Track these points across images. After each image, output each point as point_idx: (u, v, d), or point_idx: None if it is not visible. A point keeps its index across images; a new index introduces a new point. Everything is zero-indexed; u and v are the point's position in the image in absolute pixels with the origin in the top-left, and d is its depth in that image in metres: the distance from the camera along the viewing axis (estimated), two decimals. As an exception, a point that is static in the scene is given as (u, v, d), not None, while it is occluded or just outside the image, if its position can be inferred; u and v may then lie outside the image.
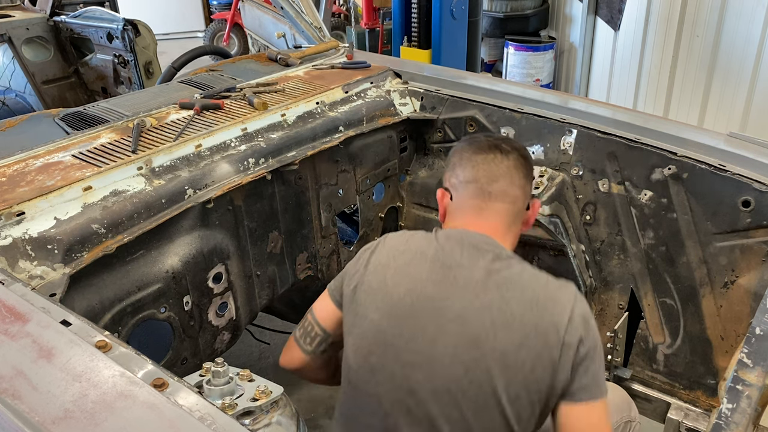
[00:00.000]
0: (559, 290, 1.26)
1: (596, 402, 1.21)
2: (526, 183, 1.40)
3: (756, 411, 1.13)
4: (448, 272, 1.28)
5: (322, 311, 1.46)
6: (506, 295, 1.23)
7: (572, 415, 1.21)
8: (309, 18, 2.78)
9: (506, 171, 1.37)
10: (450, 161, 1.45)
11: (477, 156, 1.39)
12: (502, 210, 1.37)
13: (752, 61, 3.95)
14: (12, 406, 0.86)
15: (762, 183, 1.69)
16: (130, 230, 1.48)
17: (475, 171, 1.38)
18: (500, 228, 1.36)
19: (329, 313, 1.44)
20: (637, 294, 1.98)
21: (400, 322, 1.26)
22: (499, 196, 1.36)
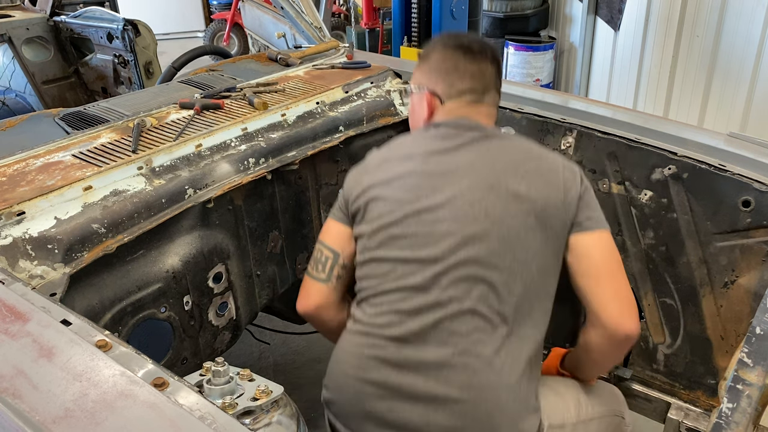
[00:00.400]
0: (548, 151, 1.48)
1: (603, 231, 1.38)
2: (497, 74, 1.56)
3: (756, 410, 1.13)
4: (448, 141, 1.44)
5: (328, 234, 1.53)
6: (507, 149, 1.43)
7: (586, 242, 1.37)
8: (309, 18, 2.78)
9: (492, 79, 1.53)
10: (431, 57, 1.57)
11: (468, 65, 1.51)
12: (491, 113, 1.55)
13: (752, 61, 3.95)
14: (12, 406, 0.86)
15: (762, 183, 1.69)
16: (131, 230, 1.48)
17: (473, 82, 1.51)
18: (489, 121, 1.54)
19: (337, 232, 1.51)
20: (637, 294, 1.98)
21: (413, 193, 1.39)
22: (490, 102, 1.54)
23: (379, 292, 1.38)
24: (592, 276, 1.35)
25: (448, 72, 1.52)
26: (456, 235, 1.33)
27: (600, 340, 1.38)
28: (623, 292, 1.36)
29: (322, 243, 1.53)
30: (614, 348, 1.41)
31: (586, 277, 1.36)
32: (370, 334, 1.36)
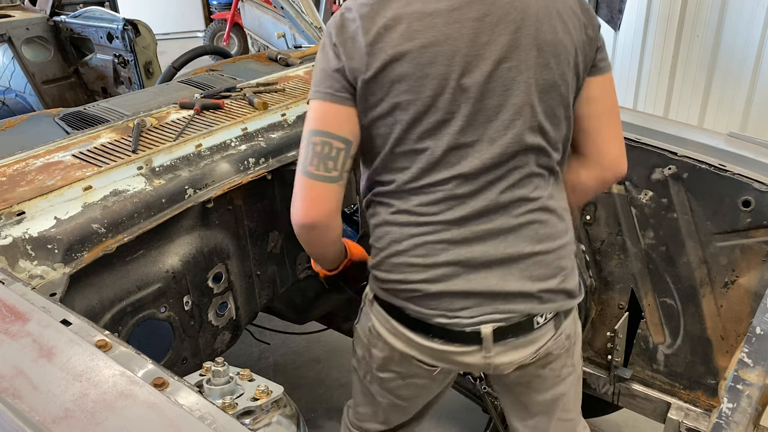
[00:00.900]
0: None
1: (610, 72, 1.38)
2: None
3: (756, 410, 1.13)
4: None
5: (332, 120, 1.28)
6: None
7: (600, 84, 1.36)
8: (309, 18, 2.78)
9: None
10: None
11: None
12: None
13: (752, 61, 3.95)
14: (12, 406, 0.86)
15: (762, 183, 1.69)
16: (131, 230, 1.48)
17: None
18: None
19: (345, 116, 1.28)
20: (637, 294, 1.98)
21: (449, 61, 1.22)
22: None
23: (429, 184, 1.29)
24: (603, 117, 1.37)
25: None
26: (506, 109, 1.25)
27: (593, 181, 1.44)
28: (621, 134, 1.41)
29: (327, 133, 1.27)
30: (602, 187, 1.49)
31: (595, 119, 1.37)
32: (429, 223, 1.31)
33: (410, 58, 1.22)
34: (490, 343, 1.32)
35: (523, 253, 1.31)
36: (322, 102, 1.28)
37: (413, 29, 1.22)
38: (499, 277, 1.31)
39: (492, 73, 1.24)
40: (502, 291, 1.31)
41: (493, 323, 1.31)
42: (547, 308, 1.34)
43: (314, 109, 1.29)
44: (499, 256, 1.31)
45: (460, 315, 1.31)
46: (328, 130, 1.27)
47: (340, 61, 1.26)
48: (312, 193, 1.30)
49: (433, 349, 1.35)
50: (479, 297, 1.31)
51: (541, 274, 1.33)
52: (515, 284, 1.31)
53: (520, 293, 1.31)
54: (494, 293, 1.31)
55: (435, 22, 1.22)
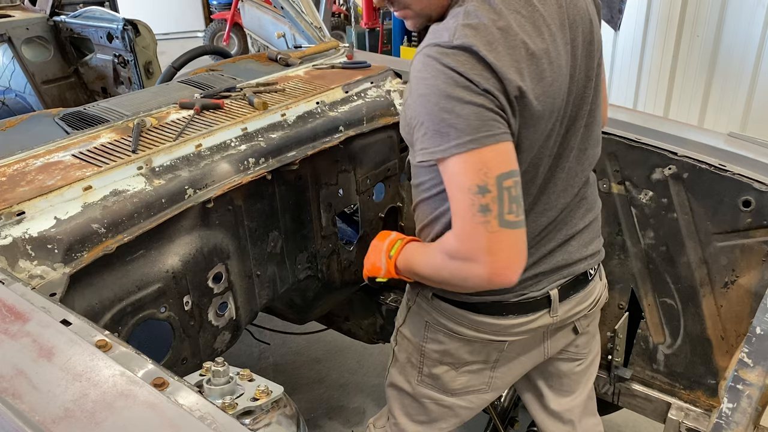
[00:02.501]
0: None
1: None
2: None
3: (756, 411, 1.13)
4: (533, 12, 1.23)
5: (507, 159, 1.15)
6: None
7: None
8: (309, 18, 2.78)
9: None
10: None
11: None
12: None
13: (752, 61, 3.95)
14: (12, 406, 0.86)
15: (762, 183, 1.69)
16: (130, 230, 1.48)
17: None
18: None
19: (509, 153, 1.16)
20: (637, 294, 1.98)
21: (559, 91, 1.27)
22: None
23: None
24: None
25: None
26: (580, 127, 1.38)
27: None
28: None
29: (510, 173, 1.13)
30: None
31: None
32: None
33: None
34: (557, 303, 1.45)
35: (579, 228, 1.46)
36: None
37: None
38: (563, 253, 1.44)
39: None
40: (566, 264, 1.45)
41: (558, 286, 1.45)
42: (595, 261, 1.52)
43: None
44: (562, 238, 1.44)
45: (532, 290, 1.42)
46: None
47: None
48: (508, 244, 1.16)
49: (505, 326, 1.43)
50: (548, 273, 1.43)
51: (591, 239, 1.50)
52: (576, 254, 1.46)
53: (580, 259, 1.47)
54: (559, 267, 1.44)
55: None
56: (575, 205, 1.44)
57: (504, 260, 1.15)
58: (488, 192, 1.11)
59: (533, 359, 1.58)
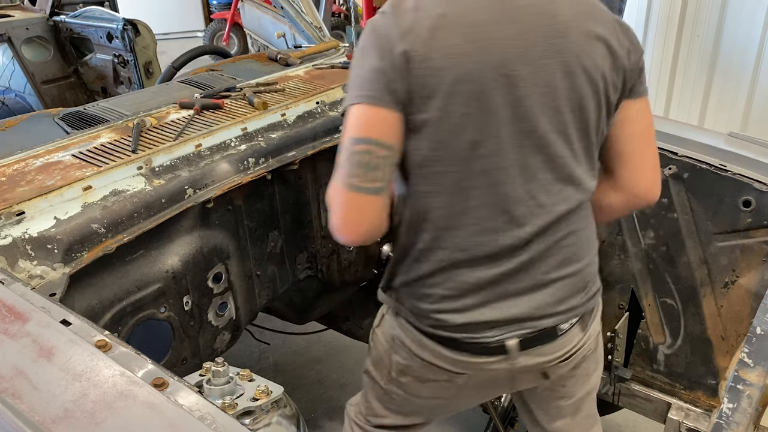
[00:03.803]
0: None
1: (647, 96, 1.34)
2: None
3: (757, 411, 1.13)
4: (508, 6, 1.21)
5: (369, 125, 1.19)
6: (574, 11, 1.23)
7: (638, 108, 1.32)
8: (309, 18, 2.78)
9: None
10: None
11: None
12: None
13: (753, 61, 3.95)
14: (12, 406, 0.86)
15: (762, 183, 1.69)
16: (130, 230, 1.48)
17: None
18: None
19: (390, 121, 1.18)
20: (637, 294, 1.98)
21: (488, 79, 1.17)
22: None
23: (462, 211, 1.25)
24: (636, 142, 1.33)
25: None
26: (541, 134, 1.22)
27: (620, 204, 1.41)
28: (656, 159, 1.37)
29: (369, 140, 1.17)
30: (630, 210, 1.49)
31: (629, 143, 1.33)
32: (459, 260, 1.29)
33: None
34: (516, 353, 1.34)
35: (552, 279, 1.32)
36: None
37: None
38: (526, 304, 1.31)
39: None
40: (530, 316, 1.32)
41: (519, 337, 1.33)
42: (572, 316, 1.37)
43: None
44: (526, 286, 1.31)
45: (487, 335, 1.33)
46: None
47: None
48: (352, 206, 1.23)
49: (460, 361, 1.37)
50: (504, 323, 1.32)
51: (568, 294, 1.34)
52: (543, 309, 1.32)
53: (547, 314, 1.33)
54: (520, 319, 1.32)
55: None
56: (546, 252, 1.29)
57: (341, 219, 1.21)
58: (343, 150, 1.20)
59: (501, 389, 1.56)
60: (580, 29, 1.22)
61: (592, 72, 1.22)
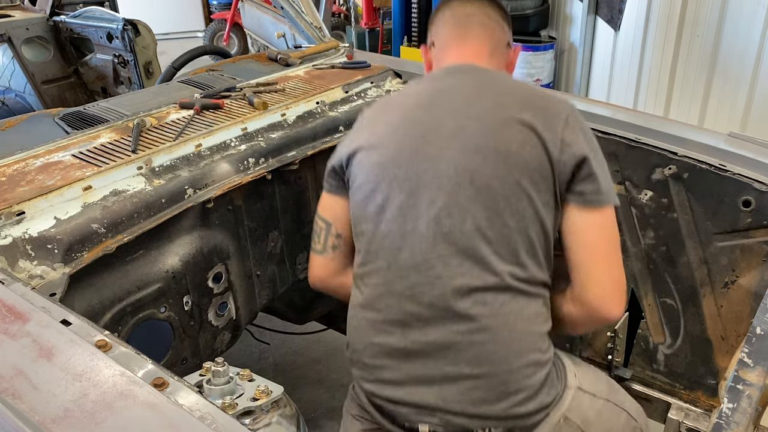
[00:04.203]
0: (553, 96, 1.36)
1: (607, 208, 1.27)
2: (502, 21, 1.51)
3: (757, 411, 1.13)
4: (437, 95, 1.35)
5: (322, 206, 1.51)
6: (500, 99, 1.30)
7: (585, 220, 1.27)
8: (309, 18, 2.78)
9: (480, 7, 1.47)
10: (430, 20, 1.54)
11: (452, 1, 1.50)
12: (483, 35, 1.46)
13: (753, 61, 3.94)
14: (12, 406, 0.86)
15: (762, 183, 1.69)
16: (130, 230, 1.48)
17: (452, 10, 1.49)
18: (484, 52, 1.44)
19: (328, 203, 1.49)
20: (637, 294, 1.98)
21: (398, 156, 1.31)
22: (477, 25, 1.46)
23: (372, 271, 1.33)
24: (585, 254, 1.27)
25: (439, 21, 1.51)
26: (441, 206, 1.26)
27: (578, 316, 1.34)
28: (615, 275, 1.29)
29: (317, 215, 1.52)
30: (590, 325, 1.41)
31: (577, 254, 1.28)
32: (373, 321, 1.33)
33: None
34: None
35: (462, 374, 1.26)
36: None
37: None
38: (437, 394, 1.28)
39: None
40: (440, 408, 1.28)
41: (431, 426, 1.29)
42: (490, 424, 1.28)
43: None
44: (436, 374, 1.28)
45: (401, 411, 1.32)
46: None
47: None
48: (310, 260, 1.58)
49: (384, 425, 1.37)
50: (419, 407, 1.30)
51: (482, 398, 1.26)
52: (454, 405, 1.27)
53: (460, 413, 1.27)
54: (433, 408, 1.28)
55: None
56: (448, 345, 1.26)
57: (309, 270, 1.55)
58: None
59: None
60: (498, 115, 1.28)
61: (506, 155, 1.24)
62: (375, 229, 1.33)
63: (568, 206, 1.29)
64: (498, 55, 1.47)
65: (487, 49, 1.45)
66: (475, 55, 1.44)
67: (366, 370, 1.36)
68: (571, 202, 1.28)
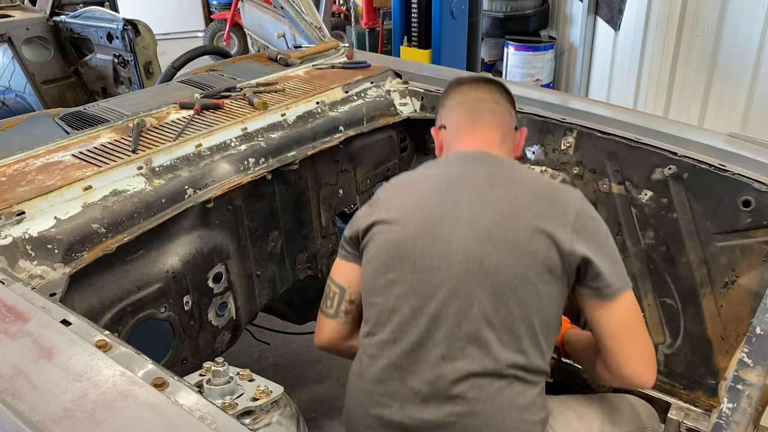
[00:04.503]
0: (563, 189, 1.38)
1: (624, 295, 1.30)
2: (510, 107, 1.56)
3: (756, 411, 1.13)
4: (452, 180, 1.39)
5: (335, 270, 1.53)
6: (513, 191, 1.34)
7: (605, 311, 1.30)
8: (309, 18, 2.78)
9: (490, 93, 1.54)
10: (440, 102, 1.60)
11: (462, 86, 1.56)
12: (494, 122, 1.51)
13: (752, 61, 3.94)
14: (12, 406, 0.86)
15: (762, 183, 1.69)
16: (130, 230, 1.48)
17: (463, 96, 1.54)
18: (495, 139, 1.49)
19: (343, 269, 1.50)
20: (637, 294, 1.97)
21: (411, 233, 1.34)
22: (487, 112, 1.51)
23: (377, 343, 1.36)
24: (612, 338, 1.32)
25: (449, 106, 1.55)
26: (449, 288, 1.28)
27: (612, 381, 1.39)
28: (645, 349, 1.34)
29: (331, 279, 1.53)
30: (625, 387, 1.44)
31: (605, 339, 1.32)
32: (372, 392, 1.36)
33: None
34: None
35: None
36: None
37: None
38: None
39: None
40: None
41: None
42: None
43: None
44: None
45: None
46: None
47: None
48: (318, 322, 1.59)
49: None
50: None
51: None
52: None
53: None
54: None
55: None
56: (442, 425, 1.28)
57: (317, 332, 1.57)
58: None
59: None
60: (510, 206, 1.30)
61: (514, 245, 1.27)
62: (384, 303, 1.35)
63: (583, 297, 1.33)
64: (508, 140, 1.53)
65: (498, 136, 1.50)
66: (488, 142, 1.48)
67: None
68: (585, 295, 1.32)
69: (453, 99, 1.55)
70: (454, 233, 1.31)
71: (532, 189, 1.35)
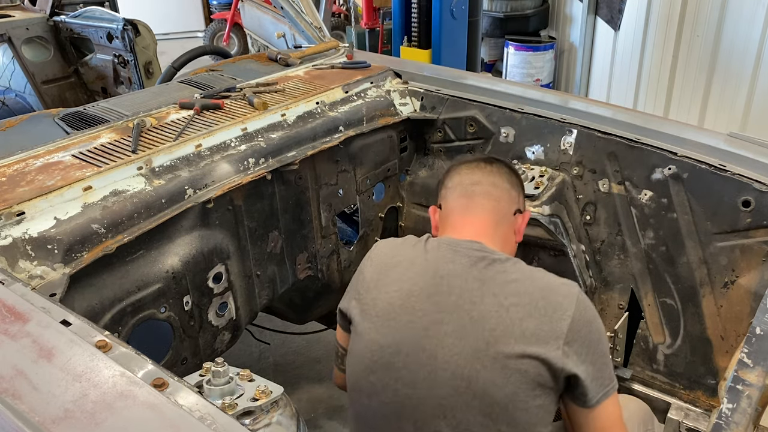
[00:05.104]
0: (559, 292, 1.28)
1: (608, 401, 1.27)
2: (510, 188, 1.49)
3: (756, 411, 1.13)
4: (441, 282, 1.31)
5: (338, 333, 1.54)
6: (504, 303, 1.26)
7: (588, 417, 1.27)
8: (309, 18, 2.78)
9: (488, 174, 1.48)
10: (440, 181, 1.56)
11: (462, 167, 1.53)
12: (487, 206, 1.45)
13: (752, 61, 3.95)
14: (12, 406, 0.86)
15: (762, 183, 1.69)
16: (130, 230, 1.48)
17: (460, 177, 1.50)
18: (488, 225, 1.43)
19: (341, 335, 1.52)
20: (637, 294, 1.98)
21: (397, 340, 1.29)
22: (482, 194, 1.45)
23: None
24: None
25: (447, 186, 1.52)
26: (434, 406, 1.24)
27: None
28: None
29: (336, 339, 1.55)
30: None
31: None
32: None
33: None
34: None
35: None
36: None
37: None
38: None
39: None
40: None
41: None
42: None
43: None
44: None
45: None
46: None
47: None
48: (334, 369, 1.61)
49: None
50: None
51: None
52: None
53: None
54: None
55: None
56: None
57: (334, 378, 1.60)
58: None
59: None
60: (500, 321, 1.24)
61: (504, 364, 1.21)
62: (369, 404, 1.33)
63: (565, 400, 1.29)
64: (504, 225, 1.46)
65: (491, 222, 1.43)
66: (480, 228, 1.41)
67: None
68: (570, 401, 1.28)
69: (452, 180, 1.51)
70: (441, 348, 1.25)
71: (527, 299, 1.26)
